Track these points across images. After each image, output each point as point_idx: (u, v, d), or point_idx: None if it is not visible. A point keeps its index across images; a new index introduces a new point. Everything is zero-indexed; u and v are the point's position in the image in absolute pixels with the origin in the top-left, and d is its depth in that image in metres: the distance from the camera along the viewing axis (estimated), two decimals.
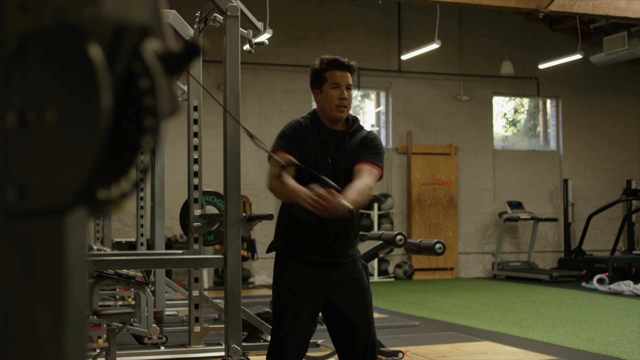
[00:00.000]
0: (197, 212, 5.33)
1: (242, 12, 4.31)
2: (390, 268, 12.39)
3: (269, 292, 10.14)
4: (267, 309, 5.91)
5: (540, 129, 14.32)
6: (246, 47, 4.83)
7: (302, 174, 3.00)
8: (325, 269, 3.09)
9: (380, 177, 3.14)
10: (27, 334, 0.74)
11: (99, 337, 4.33)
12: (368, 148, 3.16)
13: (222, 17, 4.39)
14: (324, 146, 3.12)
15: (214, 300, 5.55)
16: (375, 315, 3.28)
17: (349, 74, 3.15)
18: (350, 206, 2.76)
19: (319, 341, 5.31)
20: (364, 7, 12.65)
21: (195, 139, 5.42)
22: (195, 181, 5.36)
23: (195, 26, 5.16)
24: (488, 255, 13.31)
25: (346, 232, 3.12)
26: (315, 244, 3.09)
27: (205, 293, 5.73)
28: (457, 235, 13.04)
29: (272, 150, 3.05)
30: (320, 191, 2.72)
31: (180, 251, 5.34)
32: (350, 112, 3.24)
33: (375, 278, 12.03)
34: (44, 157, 0.73)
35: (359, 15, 12.68)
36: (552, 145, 14.14)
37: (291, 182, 2.89)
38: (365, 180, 3.01)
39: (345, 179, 3.05)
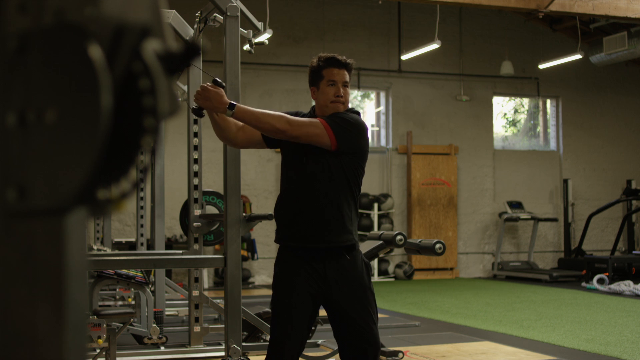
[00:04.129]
0: (197, 212, 5.33)
1: (242, 12, 4.31)
2: (390, 268, 12.38)
3: (269, 292, 10.13)
4: (267, 309, 5.91)
5: (540, 129, 14.32)
6: (246, 47, 4.83)
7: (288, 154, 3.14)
8: (320, 264, 3.06)
9: (335, 147, 3.02)
10: (27, 334, 0.74)
11: (99, 337, 4.33)
12: (334, 114, 3.12)
13: (222, 17, 4.39)
14: None
15: (214, 300, 5.55)
16: None
17: (345, 72, 3.15)
18: (232, 103, 2.97)
19: (319, 341, 5.31)
20: (364, 7, 12.65)
21: (195, 139, 5.42)
22: (195, 181, 5.35)
23: (195, 26, 5.16)
24: (488, 255, 13.30)
25: (320, 214, 3.06)
26: (291, 224, 3.10)
27: (205, 293, 5.73)
28: (457, 235, 13.03)
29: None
30: (206, 85, 3.02)
31: (180, 251, 5.34)
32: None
33: (376, 278, 12.02)
34: (44, 157, 0.73)
35: (359, 15, 12.68)
36: (552, 145, 14.14)
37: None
38: (289, 117, 3.02)
39: (315, 164, 3.05)
